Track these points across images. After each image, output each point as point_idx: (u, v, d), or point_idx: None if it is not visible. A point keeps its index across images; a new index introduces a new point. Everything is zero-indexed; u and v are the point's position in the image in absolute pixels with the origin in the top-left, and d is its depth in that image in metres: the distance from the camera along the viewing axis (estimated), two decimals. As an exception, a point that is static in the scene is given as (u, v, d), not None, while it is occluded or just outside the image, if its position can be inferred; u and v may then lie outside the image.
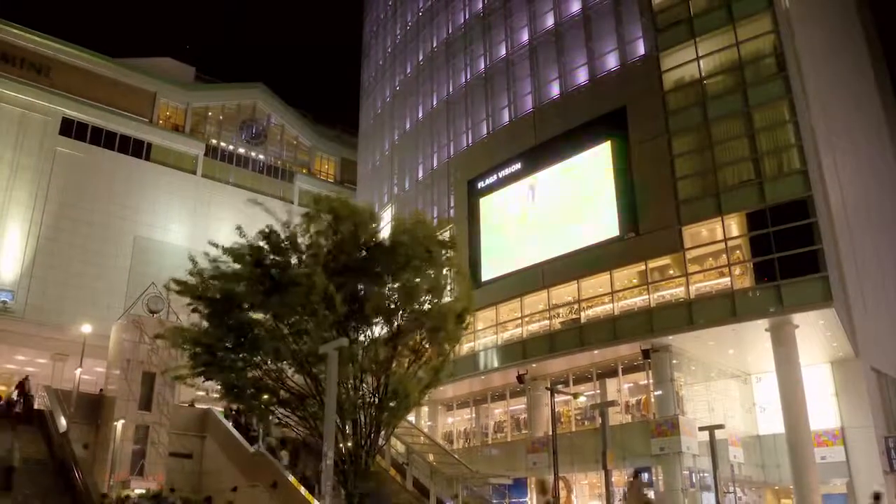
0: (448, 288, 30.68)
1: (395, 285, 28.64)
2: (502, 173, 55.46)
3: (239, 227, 28.51)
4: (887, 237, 61.59)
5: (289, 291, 26.59)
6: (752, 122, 41.71)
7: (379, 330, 29.71)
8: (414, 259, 28.29)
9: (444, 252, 30.16)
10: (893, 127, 75.96)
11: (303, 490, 38.36)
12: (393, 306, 28.88)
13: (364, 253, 28.80)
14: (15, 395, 54.04)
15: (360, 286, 28.64)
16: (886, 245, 60.67)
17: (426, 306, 29.65)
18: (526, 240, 52.19)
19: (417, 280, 28.84)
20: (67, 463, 42.21)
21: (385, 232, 31.42)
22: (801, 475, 38.47)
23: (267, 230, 28.58)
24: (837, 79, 57.68)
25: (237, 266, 28.28)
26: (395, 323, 29.17)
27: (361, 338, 29.28)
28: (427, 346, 30.18)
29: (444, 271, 30.41)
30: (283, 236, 28.69)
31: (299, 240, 28.80)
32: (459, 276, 32.03)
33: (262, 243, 28.52)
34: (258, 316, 28.34)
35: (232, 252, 28.18)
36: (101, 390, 52.38)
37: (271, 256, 28.54)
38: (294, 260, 28.48)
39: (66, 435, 45.15)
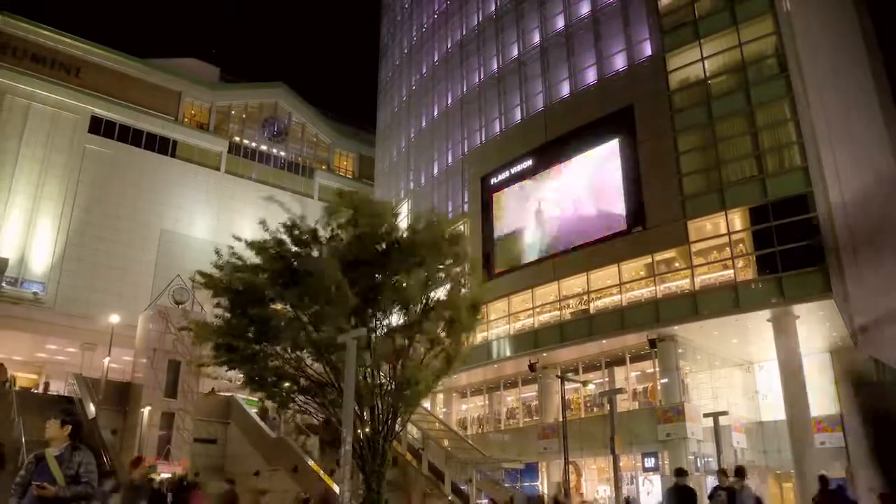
0: (462, 280, 30.76)
1: (410, 281, 28.71)
2: (514, 169, 55.58)
3: (262, 222, 28.66)
4: (885, 232, 61.47)
5: (305, 283, 26.74)
6: (754, 121, 41.80)
7: (396, 319, 29.81)
8: (428, 257, 28.41)
9: (455, 248, 30.21)
10: (891, 126, 75.80)
11: (322, 473, 38.69)
12: (407, 298, 28.97)
13: (381, 248, 28.89)
14: None
15: (377, 277, 28.72)
16: (885, 240, 60.53)
17: (441, 296, 29.76)
18: (537, 233, 52.36)
19: (428, 275, 28.94)
20: (96, 448, 42.53)
21: (403, 225, 31.55)
22: (802, 460, 38.57)
23: (290, 223, 28.71)
24: (837, 79, 57.57)
25: (258, 260, 28.43)
26: (412, 313, 29.28)
27: (379, 328, 29.38)
28: (443, 335, 30.30)
29: (456, 266, 30.42)
30: (305, 229, 28.82)
31: (320, 233, 28.92)
32: (472, 269, 32.12)
33: (283, 236, 28.63)
34: (279, 307, 28.47)
35: (255, 245, 28.33)
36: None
37: (293, 249, 28.67)
38: (315, 253, 28.60)
39: (95, 421, 45.51)
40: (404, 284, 28.54)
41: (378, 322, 29.12)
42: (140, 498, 15.23)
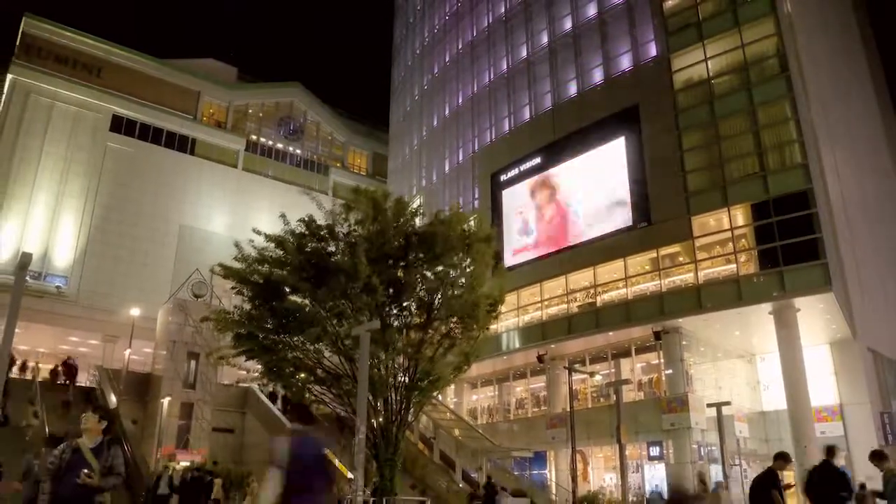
0: (483, 278, 30.77)
1: (431, 275, 28.80)
2: (523, 167, 55.70)
3: (283, 215, 28.82)
4: (883, 228, 61.53)
5: (331, 277, 26.85)
6: (756, 120, 41.93)
7: (413, 314, 29.88)
8: (450, 250, 28.48)
9: (480, 247, 30.23)
10: (889, 126, 75.81)
11: (337, 462, 38.90)
12: (427, 293, 29.04)
13: (402, 242, 28.98)
14: None
15: (398, 273, 28.79)
16: (883, 235, 60.62)
17: (459, 291, 29.83)
18: (545, 229, 52.49)
19: (451, 270, 29.03)
20: (117, 437, 42.77)
21: (417, 222, 31.62)
22: (803, 449, 38.66)
23: (306, 218, 28.84)
24: (837, 79, 57.62)
25: (280, 252, 28.56)
26: (430, 309, 29.35)
27: (396, 322, 29.47)
28: (458, 331, 30.36)
29: (473, 265, 30.42)
30: (323, 224, 28.93)
31: (337, 229, 29.04)
32: (495, 268, 32.24)
33: (303, 231, 28.76)
34: (298, 299, 28.58)
35: (275, 238, 28.47)
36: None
37: (312, 244, 28.79)
38: (332, 248, 28.73)
39: (116, 411, 45.77)
40: (428, 275, 28.66)
41: (396, 319, 29.25)
42: None
